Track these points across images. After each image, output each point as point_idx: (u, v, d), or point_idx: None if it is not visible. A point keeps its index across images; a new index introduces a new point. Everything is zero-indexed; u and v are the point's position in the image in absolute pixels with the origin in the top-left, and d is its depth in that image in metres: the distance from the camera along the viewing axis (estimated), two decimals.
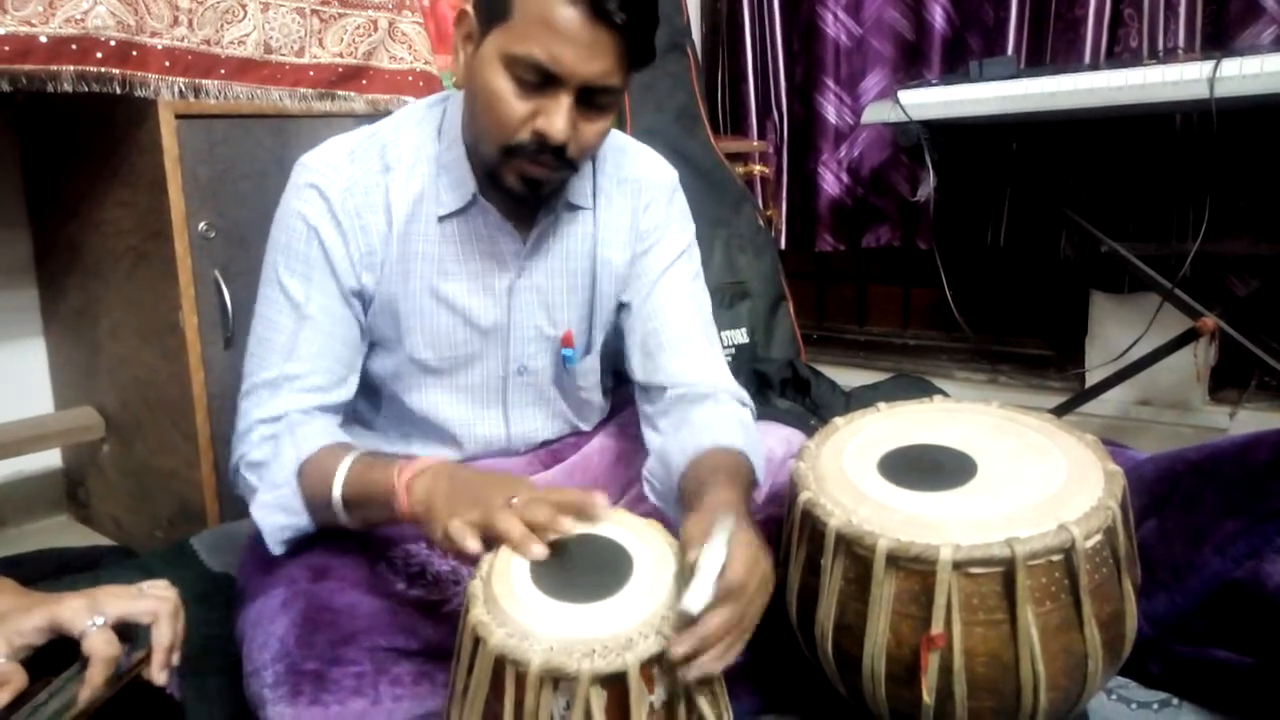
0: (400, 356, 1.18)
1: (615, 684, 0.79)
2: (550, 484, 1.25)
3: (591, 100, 1.02)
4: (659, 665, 0.82)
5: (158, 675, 0.81)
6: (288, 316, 1.11)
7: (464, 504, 0.90)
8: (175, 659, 0.84)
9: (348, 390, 1.15)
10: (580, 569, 0.89)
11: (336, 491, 1.00)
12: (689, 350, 1.21)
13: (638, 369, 1.24)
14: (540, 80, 0.99)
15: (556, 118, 1.00)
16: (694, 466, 1.06)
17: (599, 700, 0.78)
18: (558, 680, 0.78)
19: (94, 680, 0.76)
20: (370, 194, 1.11)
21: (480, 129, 1.07)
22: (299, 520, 1.06)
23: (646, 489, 1.18)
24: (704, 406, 1.16)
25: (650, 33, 1.02)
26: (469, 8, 1.05)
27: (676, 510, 1.08)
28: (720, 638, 0.81)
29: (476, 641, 0.82)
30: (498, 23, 1.00)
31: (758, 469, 1.11)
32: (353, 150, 1.13)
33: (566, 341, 1.22)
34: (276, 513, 1.06)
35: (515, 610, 0.83)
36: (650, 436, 1.20)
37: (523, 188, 1.07)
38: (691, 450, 1.08)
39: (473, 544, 0.87)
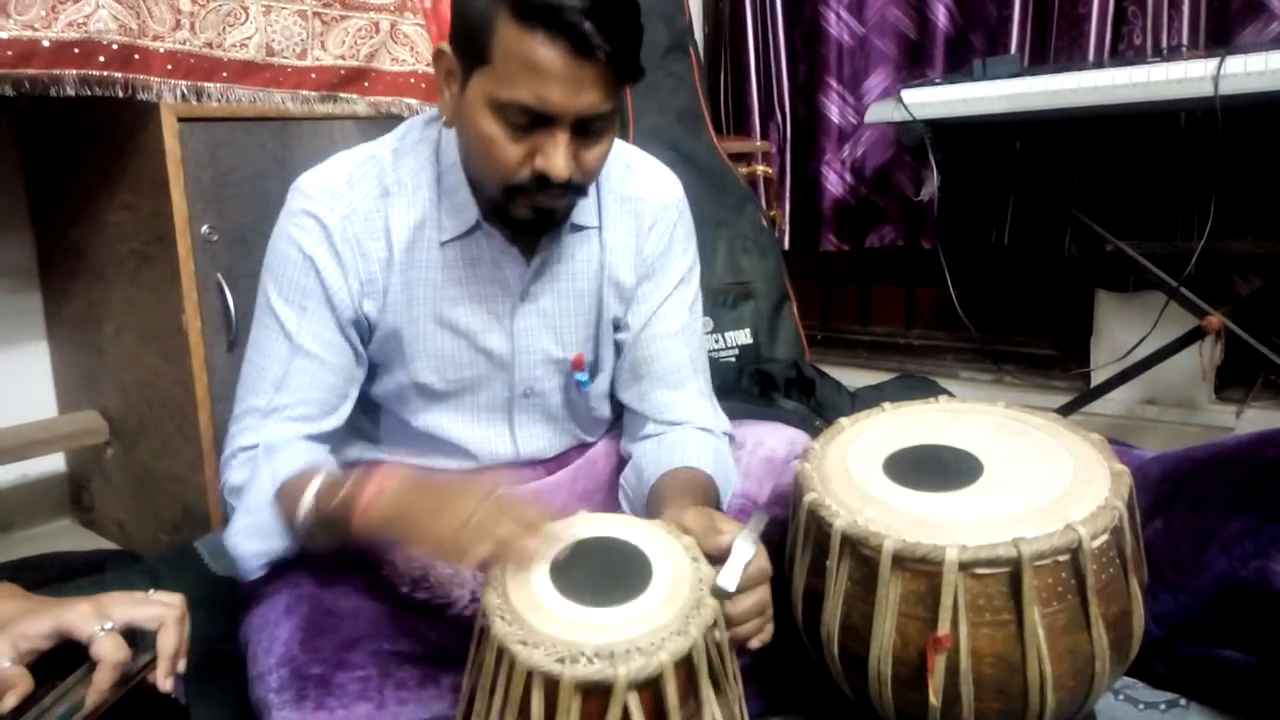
0: (404, 380, 1.16)
1: (650, 686, 0.79)
2: (554, 488, 1.25)
3: (587, 128, 0.99)
4: (688, 667, 0.81)
5: (163, 682, 0.81)
6: (281, 345, 1.09)
7: (444, 518, 0.88)
8: (181, 665, 0.83)
9: (338, 418, 1.13)
10: (599, 572, 0.88)
11: (300, 521, 0.97)
12: (676, 385, 1.23)
13: (623, 390, 1.26)
14: (532, 121, 0.97)
15: (555, 157, 0.97)
16: (664, 479, 1.12)
17: (636, 704, 0.78)
18: (591, 689, 0.77)
19: (101, 684, 0.76)
20: (370, 220, 1.09)
21: (478, 171, 1.05)
22: (275, 544, 1.03)
23: (620, 495, 1.22)
24: (681, 430, 1.21)
25: (636, 52, 0.99)
26: (446, 47, 1.02)
27: (644, 515, 1.11)
28: (752, 616, 0.91)
29: (501, 656, 0.81)
30: (478, 66, 0.97)
31: (722, 494, 1.16)
32: (350, 175, 1.10)
33: (578, 365, 1.20)
34: (251, 539, 1.03)
35: (541, 622, 0.82)
36: (627, 445, 1.26)
37: (535, 218, 1.05)
38: (665, 465, 1.14)
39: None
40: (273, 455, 1.05)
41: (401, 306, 1.12)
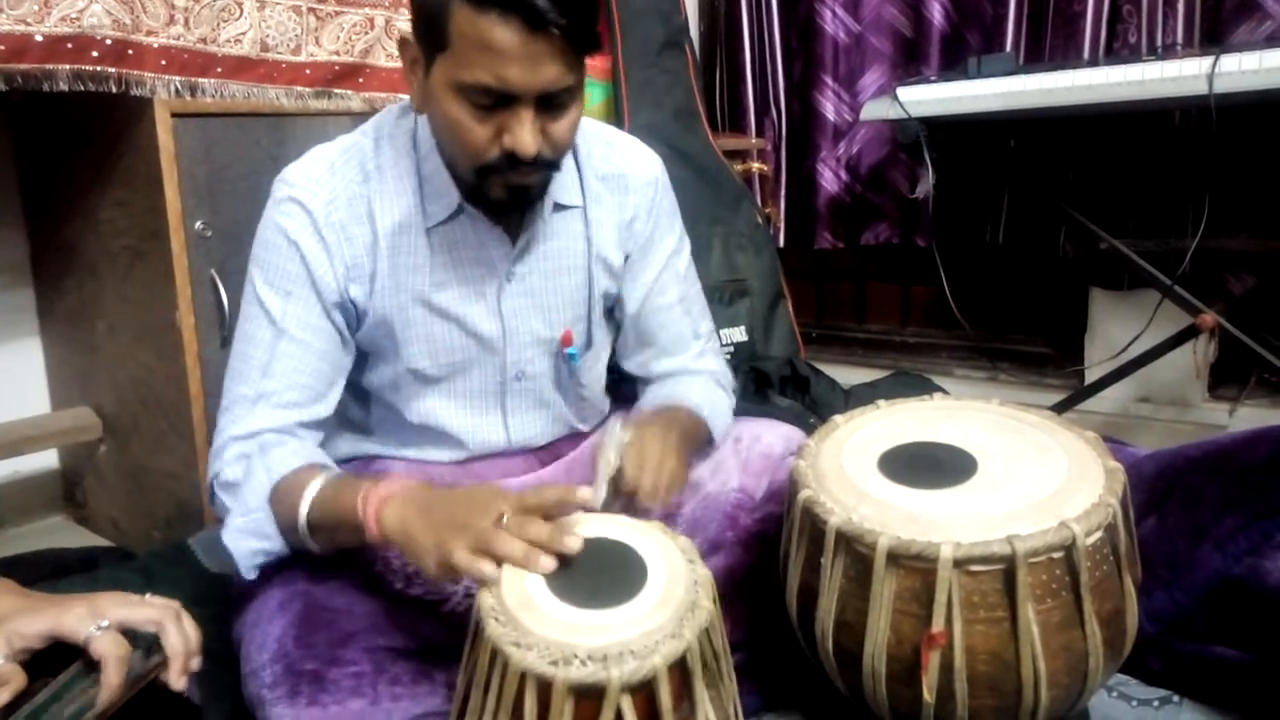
0: (398, 367, 1.17)
1: (643, 689, 0.78)
2: (549, 480, 1.25)
3: (551, 102, 1.00)
4: (682, 670, 0.81)
5: (176, 681, 0.81)
6: (266, 332, 1.09)
7: (448, 530, 0.89)
8: (195, 663, 0.83)
9: (327, 406, 1.13)
10: (593, 573, 0.88)
11: (302, 519, 0.99)
12: (678, 351, 1.30)
13: (631, 362, 1.31)
14: (495, 101, 0.98)
15: (522, 134, 0.98)
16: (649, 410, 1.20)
17: (629, 707, 0.78)
18: (585, 692, 0.77)
19: (111, 681, 0.76)
20: (354, 205, 1.10)
21: (450, 155, 1.07)
22: (271, 545, 1.04)
23: None
24: (683, 378, 1.29)
25: (592, 22, 0.99)
26: (409, 36, 1.04)
27: None
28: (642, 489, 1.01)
29: (495, 657, 0.81)
30: (439, 52, 0.98)
31: (713, 428, 1.24)
32: (333, 163, 1.12)
33: (566, 340, 1.21)
34: (248, 538, 1.04)
35: (535, 624, 0.81)
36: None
37: (511, 197, 1.06)
38: (654, 403, 1.24)
39: (490, 569, 0.86)
40: (267, 452, 1.06)
41: (390, 293, 1.13)
